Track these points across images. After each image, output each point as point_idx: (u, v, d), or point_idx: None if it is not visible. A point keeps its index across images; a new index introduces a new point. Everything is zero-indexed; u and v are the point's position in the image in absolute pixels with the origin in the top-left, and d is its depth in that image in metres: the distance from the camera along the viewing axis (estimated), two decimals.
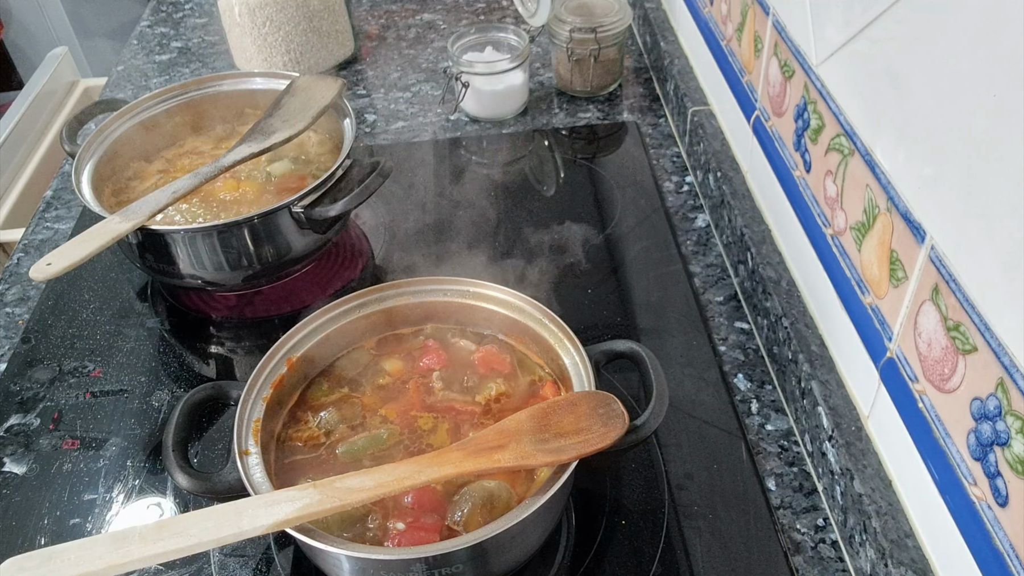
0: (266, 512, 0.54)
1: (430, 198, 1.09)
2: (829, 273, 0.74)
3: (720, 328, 0.88)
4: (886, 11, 0.60)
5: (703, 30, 1.10)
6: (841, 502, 0.68)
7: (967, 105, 0.51)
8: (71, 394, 0.85)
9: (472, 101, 1.21)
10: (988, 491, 0.51)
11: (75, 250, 0.79)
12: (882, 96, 0.62)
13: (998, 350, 0.49)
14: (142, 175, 1.01)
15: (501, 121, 1.22)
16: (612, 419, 0.60)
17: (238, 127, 1.08)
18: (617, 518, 0.71)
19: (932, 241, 0.56)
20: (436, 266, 0.95)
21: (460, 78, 1.17)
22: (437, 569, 0.56)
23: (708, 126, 1.04)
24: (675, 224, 1.02)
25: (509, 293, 0.73)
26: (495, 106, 1.21)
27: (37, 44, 2.40)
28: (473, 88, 1.18)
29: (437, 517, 0.61)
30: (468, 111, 1.23)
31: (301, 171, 1.00)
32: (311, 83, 1.00)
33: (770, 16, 0.84)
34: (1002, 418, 0.49)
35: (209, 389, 0.67)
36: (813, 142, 0.75)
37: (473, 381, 0.72)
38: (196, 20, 1.56)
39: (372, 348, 0.75)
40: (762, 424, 0.79)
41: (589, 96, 1.26)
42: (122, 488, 0.76)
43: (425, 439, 0.67)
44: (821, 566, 0.67)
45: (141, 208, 0.83)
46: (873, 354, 0.66)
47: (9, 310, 0.96)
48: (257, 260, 0.88)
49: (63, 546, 0.52)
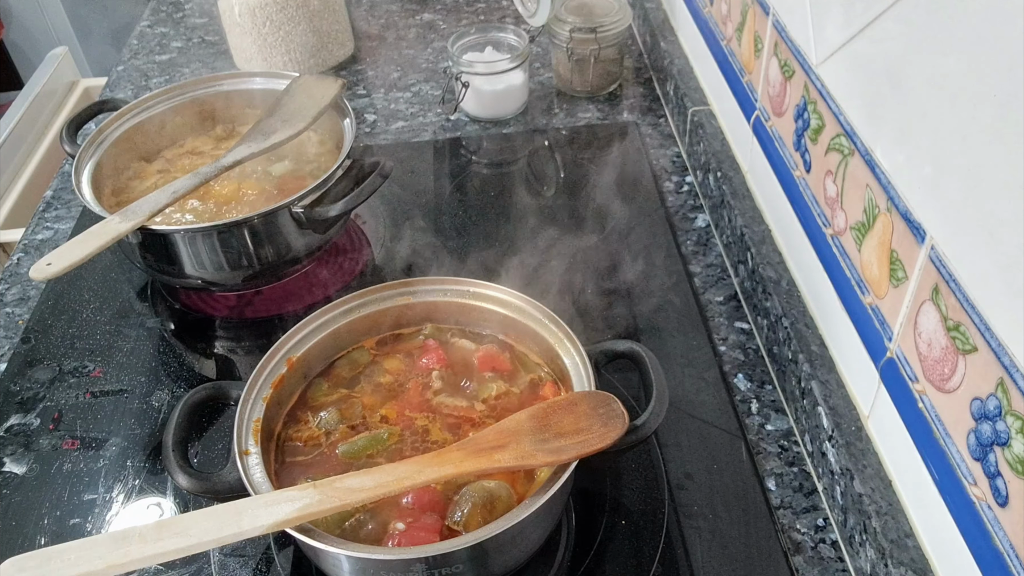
0: (266, 512, 0.54)
1: (430, 198, 1.09)
2: (829, 273, 0.74)
3: (720, 328, 0.88)
4: (886, 11, 0.60)
5: (703, 30, 1.10)
6: (841, 502, 0.68)
7: (967, 105, 0.51)
8: (71, 394, 0.85)
9: (472, 101, 1.20)
10: (988, 491, 0.51)
11: (75, 250, 0.79)
12: (882, 96, 0.62)
13: (998, 350, 0.49)
14: (142, 175, 1.01)
15: (501, 121, 1.22)
16: (612, 419, 0.60)
17: (238, 127, 1.08)
18: (617, 518, 0.71)
19: (932, 241, 0.56)
20: (436, 266, 0.95)
21: (460, 78, 1.17)
22: (437, 569, 0.56)
23: (708, 126, 1.04)
24: (675, 224, 1.02)
25: (509, 293, 0.73)
26: (495, 106, 1.21)
27: (37, 44, 2.40)
28: (473, 88, 1.18)
29: (437, 517, 0.61)
30: (468, 111, 1.23)
31: (301, 171, 1.00)
32: (311, 83, 1.00)
33: (770, 16, 0.84)
34: (1002, 418, 0.49)
35: (209, 389, 0.67)
36: (813, 142, 0.75)
37: (473, 381, 0.72)
38: (196, 20, 1.56)
39: (372, 348, 0.75)
40: (762, 424, 0.79)
41: (589, 96, 1.26)
42: (122, 488, 0.76)
43: (425, 439, 0.67)
44: (821, 566, 0.67)
45: (141, 208, 0.83)
46: (873, 354, 0.66)
47: (9, 310, 0.96)
48: (257, 260, 0.88)
49: (63, 546, 0.52)
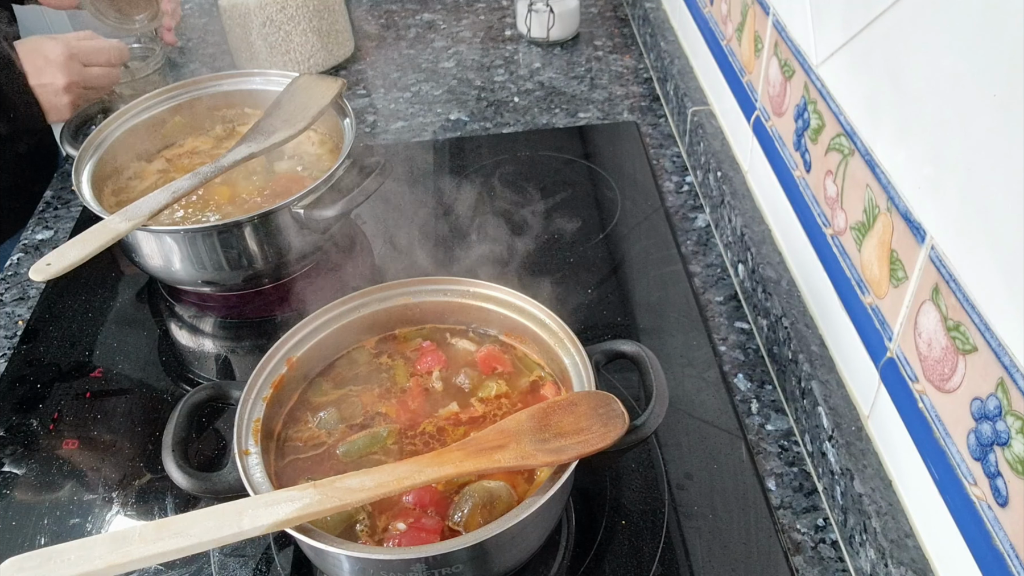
0: (266, 512, 0.54)
1: (430, 198, 1.09)
2: (829, 273, 0.74)
3: (720, 328, 0.88)
4: (886, 11, 0.60)
5: (703, 30, 1.10)
6: (841, 502, 0.68)
7: (967, 105, 0.51)
8: (71, 394, 0.85)
9: (539, 26, 1.37)
10: (988, 491, 0.51)
11: (75, 250, 0.79)
12: (882, 96, 0.62)
13: (998, 350, 0.49)
14: (142, 175, 1.01)
15: (563, 42, 1.40)
16: (612, 419, 0.60)
17: (238, 127, 1.08)
18: (617, 518, 0.71)
19: (932, 241, 0.56)
20: (436, 266, 0.95)
21: (543, 4, 1.34)
22: (437, 569, 0.56)
23: (708, 126, 1.04)
24: (675, 224, 1.02)
25: (509, 293, 0.73)
26: (562, 26, 1.39)
27: None
28: (538, 13, 1.36)
29: (437, 517, 0.61)
30: (536, 36, 1.39)
31: (301, 171, 1.00)
32: (311, 83, 1.00)
33: (770, 16, 0.84)
34: (1002, 418, 0.49)
35: (209, 389, 0.67)
36: (813, 142, 0.75)
37: (473, 381, 0.72)
38: (196, 20, 1.56)
39: (372, 348, 0.75)
40: (762, 424, 0.79)
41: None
42: (122, 488, 0.76)
43: (425, 439, 0.67)
44: (821, 566, 0.67)
45: (141, 208, 0.83)
46: (873, 354, 0.66)
47: (9, 310, 0.96)
48: (257, 260, 0.88)
49: (63, 546, 0.52)
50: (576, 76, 1.32)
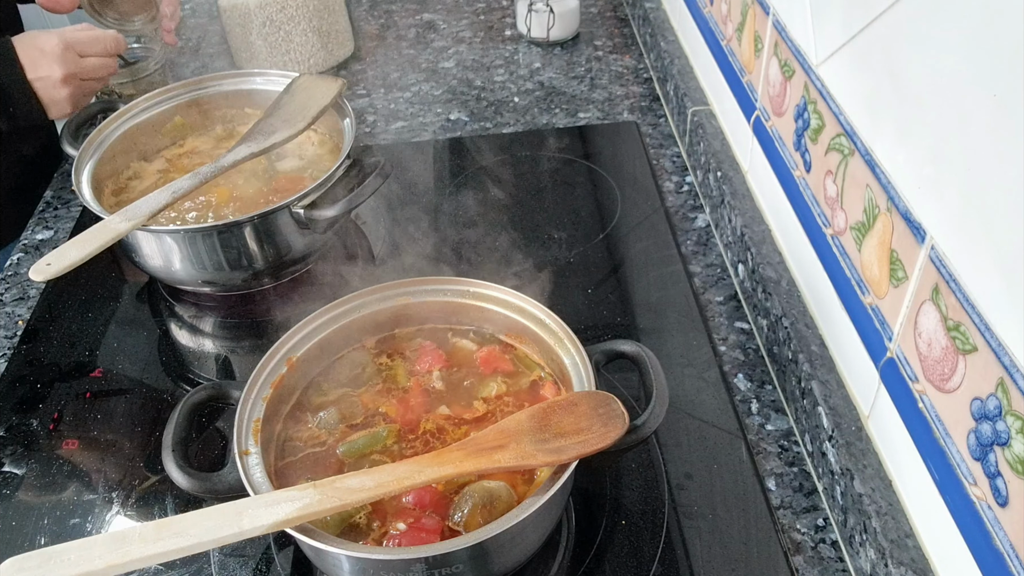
0: (266, 512, 0.54)
1: (430, 198, 1.09)
2: (829, 273, 0.74)
3: (720, 328, 0.88)
4: (886, 11, 0.60)
5: (703, 30, 1.10)
6: (841, 502, 0.68)
7: (967, 105, 0.51)
8: (71, 394, 0.85)
9: (539, 26, 1.37)
10: (988, 491, 0.51)
11: (75, 250, 0.79)
12: (882, 96, 0.62)
13: (998, 350, 0.49)
14: (142, 175, 1.01)
15: (562, 42, 1.41)
16: (612, 419, 0.60)
17: (238, 127, 1.08)
18: (617, 518, 0.71)
19: (932, 241, 0.56)
20: (436, 266, 0.95)
21: (543, 4, 1.35)
22: (437, 569, 0.56)
23: (708, 126, 1.04)
24: (675, 224, 1.02)
25: (509, 293, 0.73)
26: (562, 26, 1.39)
27: None
28: (538, 12, 1.36)
29: (437, 517, 0.61)
30: (536, 36, 1.39)
31: (301, 171, 1.00)
32: (311, 83, 1.00)
33: (770, 16, 0.84)
34: (1002, 418, 0.49)
35: (209, 389, 0.67)
36: (813, 142, 0.75)
37: (473, 381, 0.72)
38: (196, 20, 1.56)
39: (372, 348, 0.75)
40: (762, 424, 0.79)
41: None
42: (122, 488, 0.76)
43: (425, 439, 0.67)
44: (821, 566, 0.67)
45: (141, 208, 0.83)
46: (873, 354, 0.66)
47: (9, 310, 0.96)
48: (257, 260, 0.88)
49: (63, 546, 0.52)
50: (576, 76, 1.32)
